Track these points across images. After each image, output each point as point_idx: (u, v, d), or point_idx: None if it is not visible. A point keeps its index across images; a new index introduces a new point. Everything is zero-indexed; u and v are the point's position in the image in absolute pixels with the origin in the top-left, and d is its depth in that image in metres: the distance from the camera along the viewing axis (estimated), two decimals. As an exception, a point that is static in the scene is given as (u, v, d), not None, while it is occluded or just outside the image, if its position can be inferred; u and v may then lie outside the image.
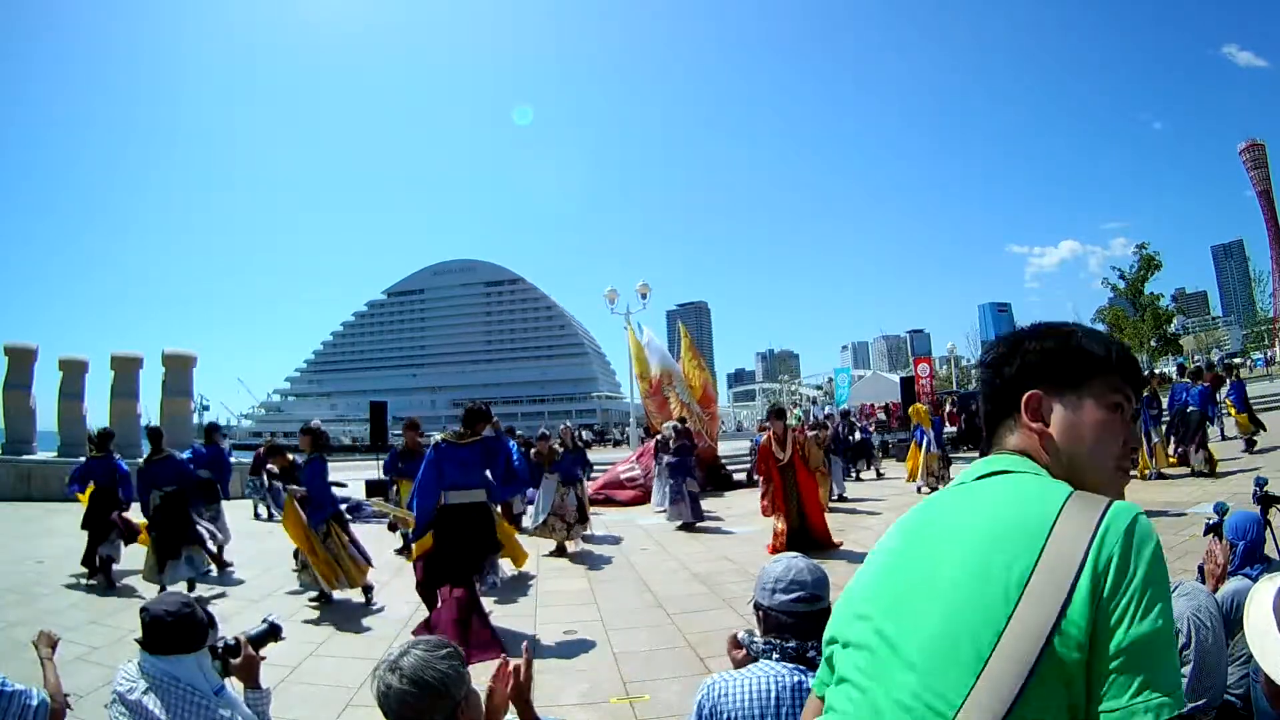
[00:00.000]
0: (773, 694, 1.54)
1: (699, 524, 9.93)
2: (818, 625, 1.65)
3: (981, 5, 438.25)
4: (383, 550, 9.03)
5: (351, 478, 12.26)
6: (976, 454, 1.09)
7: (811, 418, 22.11)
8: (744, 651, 1.79)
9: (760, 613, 1.71)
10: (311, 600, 6.25)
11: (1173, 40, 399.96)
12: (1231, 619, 2.45)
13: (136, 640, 2.04)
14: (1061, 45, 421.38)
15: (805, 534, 7.74)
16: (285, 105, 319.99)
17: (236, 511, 13.22)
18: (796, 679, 1.56)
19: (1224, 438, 13.87)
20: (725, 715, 1.54)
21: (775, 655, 1.60)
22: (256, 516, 12.29)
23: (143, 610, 2.05)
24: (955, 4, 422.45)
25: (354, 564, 6.24)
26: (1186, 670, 2.48)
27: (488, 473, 5.33)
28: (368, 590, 6.37)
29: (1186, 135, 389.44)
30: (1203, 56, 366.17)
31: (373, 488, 12.39)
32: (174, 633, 1.99)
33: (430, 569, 5.03)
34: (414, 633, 5.03)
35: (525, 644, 1.73)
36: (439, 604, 4.92)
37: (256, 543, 9.76)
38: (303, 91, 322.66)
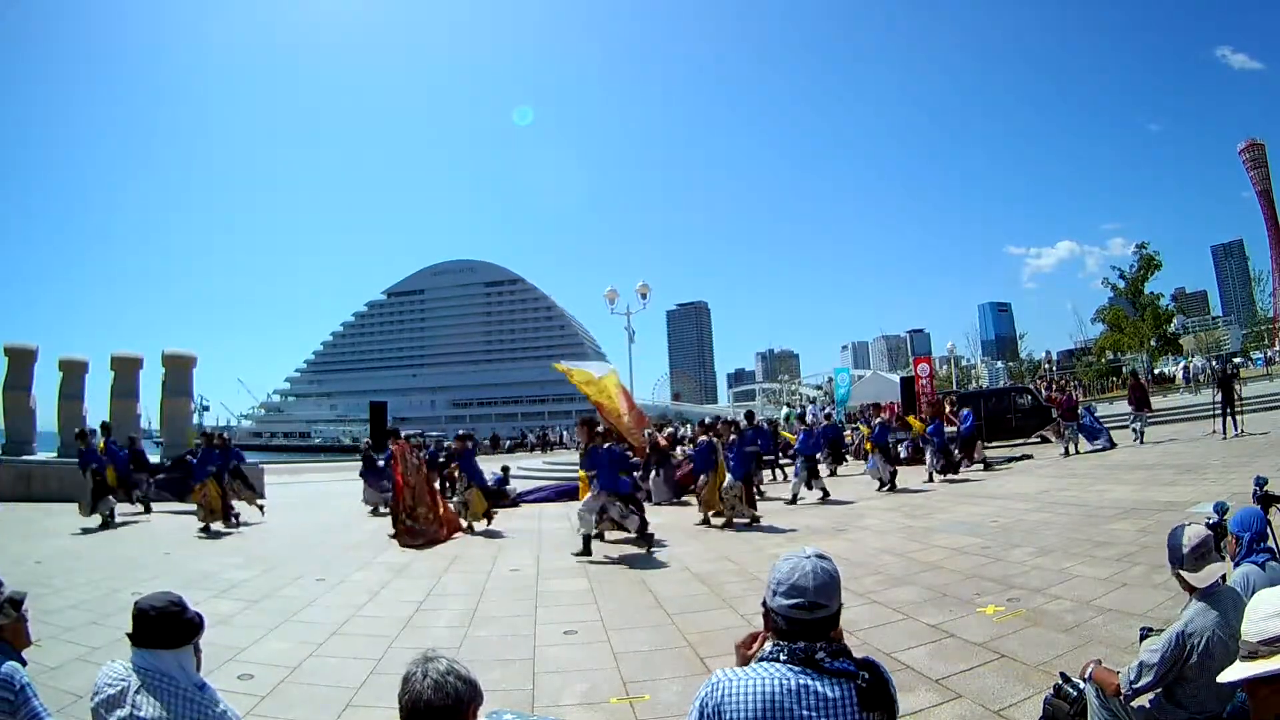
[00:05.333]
0: (774, 697, 1.50)
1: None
2: (820, 631, 1.58)
3: (978, 9, 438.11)
4: (383, 551, 9.04)
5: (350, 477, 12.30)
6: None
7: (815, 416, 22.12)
8: (751, 651, 1.72)
9: (764, 610, 1.66)
10: None
11: (1167, 43, 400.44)
12: (1246, 600, 2.51)
13: (127, 634, 2.07)
14: (1059, 49, 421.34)
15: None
16: (286, 105, 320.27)
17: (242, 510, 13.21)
18: (802, 682, 1.51)
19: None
20: (728, 716, 1.51)
21: (783, 657, 1.55)
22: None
23: (135, 604, 2.09)
24: (952, 8, 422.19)
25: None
26: (1194, 684, 2.49)
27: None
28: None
29: (1183, 137, 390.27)
30: (1198, 59, 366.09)
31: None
32: (157, 627, 2.03)
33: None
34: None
35: None
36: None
37: (257, 543, 9.76)
38: (303, 92, 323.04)
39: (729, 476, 10.05)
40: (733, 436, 10.58)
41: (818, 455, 13.02)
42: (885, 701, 1.53)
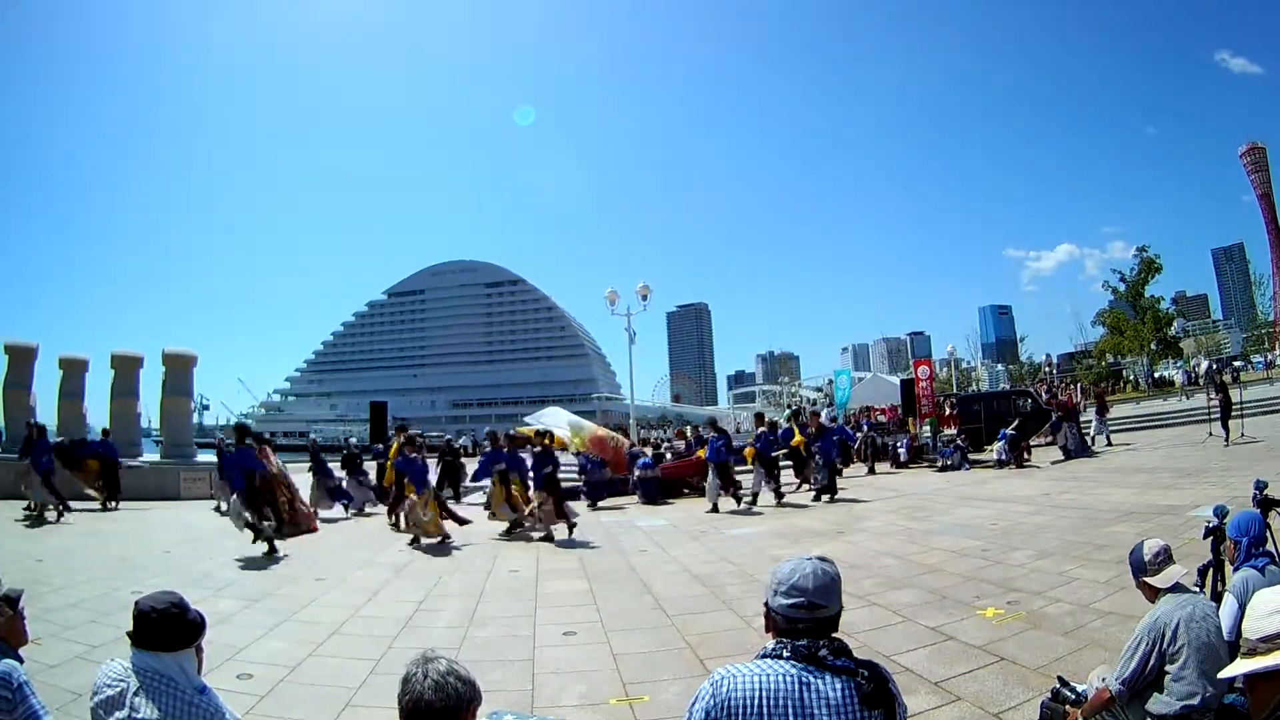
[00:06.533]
0: (781, 691, 1.51)
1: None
2: (820, 630, 1.60)
3: (978, 9, 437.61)
4: (383, 551, 9.04)
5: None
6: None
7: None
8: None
9: (765, 610, 1.68)
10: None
11: (1167, 46, 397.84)
12: (1245, 603, 2.55)
13: (127, 634, 2.05)
14: (1059, 49, 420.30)
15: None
16: (286, 105, 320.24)
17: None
18: (805, 679, 1.53)
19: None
20: (737, 709, 1.52)
21: (786, 653, 1.57)
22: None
23: (136, 604, 2.07)
24: (952, 8, 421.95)
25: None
26: (1174, 669, 2.53)
27: None
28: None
29: (1183, 140, 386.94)
30: (1198, 61, 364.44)
31: None
32: (158, 628, 2.01)
33: None
34: None
35: None
36: None
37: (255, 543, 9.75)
38: (303, 92, 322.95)
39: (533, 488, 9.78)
40: (538, 448, 10.13)
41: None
42: (886, 701, 1.54)
